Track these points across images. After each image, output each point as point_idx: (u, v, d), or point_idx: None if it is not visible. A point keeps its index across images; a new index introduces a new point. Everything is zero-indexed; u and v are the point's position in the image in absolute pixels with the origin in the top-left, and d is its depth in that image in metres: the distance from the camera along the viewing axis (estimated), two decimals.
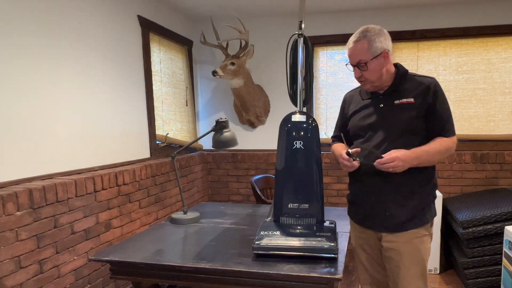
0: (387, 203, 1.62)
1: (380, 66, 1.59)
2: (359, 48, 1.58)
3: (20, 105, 1.90)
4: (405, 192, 1.61)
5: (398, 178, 1.58)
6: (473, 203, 3.02)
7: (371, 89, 1.67)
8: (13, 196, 1.72)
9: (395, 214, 1.61)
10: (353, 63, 1.62)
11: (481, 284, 2.80)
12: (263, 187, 3.29)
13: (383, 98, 1.66)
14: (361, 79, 1.65)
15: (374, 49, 1.57)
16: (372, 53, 1.57)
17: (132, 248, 1.72)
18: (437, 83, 1.62)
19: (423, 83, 1.62)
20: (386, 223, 1.63)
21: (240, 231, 1.94)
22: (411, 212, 1.61)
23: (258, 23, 3.66)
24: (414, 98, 1.60)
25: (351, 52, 1.61)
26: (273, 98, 3.76)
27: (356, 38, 1.59)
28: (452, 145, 1.62)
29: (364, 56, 1.57)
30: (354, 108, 1.76)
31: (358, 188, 1.72)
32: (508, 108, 3.36)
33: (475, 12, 3.30)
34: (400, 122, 1.60)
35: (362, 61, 1.58)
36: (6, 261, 1.70)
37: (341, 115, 1.87)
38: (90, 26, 2.38)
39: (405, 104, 1.60)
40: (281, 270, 1.42)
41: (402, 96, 1.62)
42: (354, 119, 1.74)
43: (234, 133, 2.24)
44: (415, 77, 1.66)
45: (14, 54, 1.87)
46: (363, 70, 1.60)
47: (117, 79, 2.63)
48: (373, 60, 1.57)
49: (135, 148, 2.83)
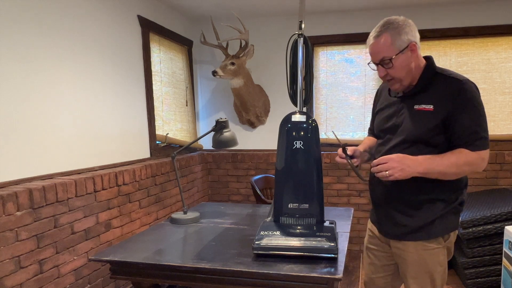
0: (393, 212, 1.57)
1: (407, 61, 1.42)
2: (381, 44, 1.41)
3: (20, 105, 1.90)
4: (413, 202, 1.50)
5: (406, 187, 1.49)
6: (473, 203, 3.02)
7: (400, 88, 1.49)
8: (13, 196, 1.72)
9: (401, 223, 1.53)
10: (376, 61, 1.46)
11: (481, 284, 2.80)
12: (263, 187, 3.29)
13: (406, 99, 1.51)
14: (387, 78, 1.48)
15: (399, 43, 1.40)
16: (397, 48, 1.40)
17: (132, 248, 1.72)
18: (467, 86, 1.39)
19: (448, 87, 1.41)
20: (393, 231, 1.58)
21: (240, 231, 1.94)
22: (418, 222, 1.50)
23: (258, 23, 3.66)
24: (434, 105, 1.41)
25: (372, 49, 1.45)
26: (273, 98, 3.76)
27: (377, 33, 1.43)
28: (477, 160, 1.38)
29: (388, 52, 1.41)
30: (381, 105, 1.65)
31: (371, 193, 1.69)
32: (508, 108, 3.35)
33: (475, 12, 3.30)
34: (415, 131, 1.45)
35: (386, 57, 1.41)
36: (6, 261, 1.70)
37: (374, 108, 1.74)
38: (90, 26, 2.38)
39: (423, 111, 1.43)
40: (281, 270, 1.42)
41: (422, 101, 1.44)
42: (378, 117, 1.64)
43: (234, 133, 2.23)
44: (444, 77, 1.45)
45: (14, 54, 1.87)
46: (388, 68, 1.43)
47: (117, 79, 2.63)
48: (398, 56, 1.41)
49: (135, 148, 2.83)
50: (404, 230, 1.53)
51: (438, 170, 1.39)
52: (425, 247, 1.50)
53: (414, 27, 1.45)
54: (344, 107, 3.65)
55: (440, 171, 1.39)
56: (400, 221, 1.54)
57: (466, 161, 1.38)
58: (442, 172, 1.40)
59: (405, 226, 1.53)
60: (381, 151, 1.58)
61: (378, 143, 1.64)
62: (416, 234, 1.51)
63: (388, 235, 1.62)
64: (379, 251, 1.72)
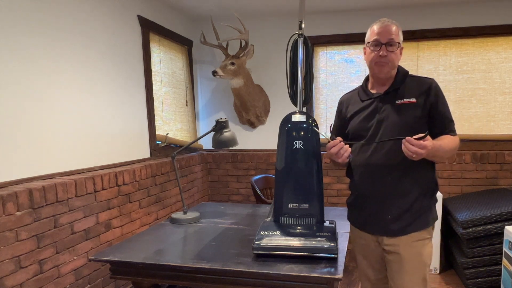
0: (389, 207, 1.60)
1: (399, 56, 1.62)
2: (393, 29, 1.58)
3: (20, 105, 1.90)
4: (408, 195, 1.59)
5: (400, 181, 1.58)
6: (473, 203, 3.02)
7: (387, 75, 1.63)
8: (13, 196, 1.72)
9: (398, 218, 1.59)
10: (384, 41, 1.57)
11: (481, 284, 2.80)
12: (263, 187, 3.29)
13: (384, 98, 1.64)
14: (383, 60, 1.59)
15: (401, 38, 1.61)
16: (400, 40, 1.60)
17: (132, 248, 1.72)
18: (436, 84, 1.63)
19: (423, 83, 1.62)
20: (388, 227, 1.61)
21: (240, 231, 1.94)
22: (413, 215, 1.59)
23: (258, 23, 3.66)
24: (416, 98, 1.59)
25: (385, 29, 1.58)
26: (273, 98, 3.76)
27: (389, 21, 1.60)
28: (458, 143, 1.61)
29: (397, 38, 1.58)
30: (354, 109, 1.73)
31: (359, 191, 1.70)
32: (508, 108, 3.36)
33: (475, 12, 3.30)
34: (404, 122, 1.58)
35: (396, 40, 1.57)
36: (6, 261, 1.70)
37: (339, 117, 1.84)
38: (90, 26, 2.38)
39: (406, 104, 1.60)
40: (281, 270, 1.42)
41: (403, 96, 1.61)
42: (355, 120, 1.71)
43: (234, 133, 2.23)
44: (415, 78, 1.67)
45: (14, 55, 1.87)
46: (391, 51, 1.58)
47: (117, 79, 2.63)
48: (399, 45, 1.60)
49: (135, 148, 2.83)
50: (399, 224, 1.59)
51: (441, 155, 1.54)
52: (418, 237, 1.60)
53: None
54: None
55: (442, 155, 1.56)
56: (396, 217, 1.60)
57: (455, 144, 1.59)
58: (443, 156, 1.58)
59: (400, 220, 1.59)
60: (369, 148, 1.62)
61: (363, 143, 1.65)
62: (410, 226, 1.59)
63: (381, 232, 1.64)
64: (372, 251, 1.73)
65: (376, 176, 1.61)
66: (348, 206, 1.81)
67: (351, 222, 1.81)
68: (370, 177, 1.63)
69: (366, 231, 1.71)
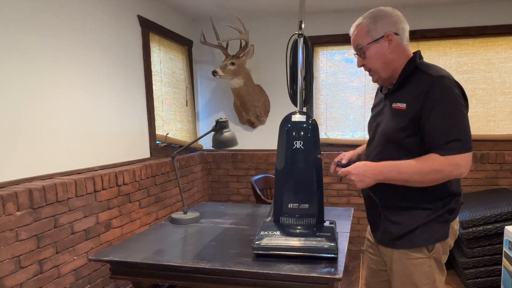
0: (380, 217, 1.51)
1: (382, 52, 1.36)
2: (358, 32, 1.40)
3: (20, 105, 1.90)
4: (396, 208, 1.43)
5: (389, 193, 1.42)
6: (473, 203, 3.02)
7: (380, 81, 1.46)
8: (13, 196, 1.72)
9: (387, 230, 1.47)
10: (355, 51, 1.44)
11: (481, 284, 2.80)
12: (263, 187, 3.29)
13: (388, 97, 1.46)
14: (365, 69, 1.46)
15: (374, 32, 1.35)
16: (371, 37, 1.36)
17: (132, 248, 1.72)
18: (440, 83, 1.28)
19: (421, 84, 1.31)
20: (379, 236, 1.53)
21: (240, 231, 1.94)
22: (402, 229, 1.41)
23: (258, 23, 3.67)
24: (407, 103, 1.33)
25: (352, 37, 1.43)
26: (273, 98, 3.76)
27: (358, 21, 1.42)
28: (447, 167, 1.24)
29: (362, 40, 1.39)
30: (374, 102, 1.61)
31: (364, 198, 1.66)
32: (508, 108, 3.36)
33: (475, 12, 3.30)
34: (385, 131, 1.39)
35: (360, 45, 1.40)
36: (6, 261, 1.70)
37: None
38: (90, 26, 2.38)
39: (397, 110, 1.35)
40: (281, 270, 1.42)
41: (399, 99, 1.37)
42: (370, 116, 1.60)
43: (234, 133, 2.23)
44: (421, 73, 1.35)
45: (14, 55, 1.87)
46: (363, 58, 1.41)
47: (117, 79, 2.63)
48: (371, 45, 1.36)
49: (135, 148, 2.83)
50: (388, 236, 1.46)
51: (400, 178, 1.30)
52: (408, 256, 1.40)
53: (399, 19, 1.39)
54: (344, 107, 3.65)
55: (402, 178, 1.30)
56: (384, 227, 1.47)
57: (432, 168, 1.25)
58: (405, 180, 1.30)
59: (389, 232, 1.45)
60: (367, 153, 1.55)
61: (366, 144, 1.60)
62: (399, 241, 1.42)
63: (376, 240, 1.58)
64: (375, 255, 1.68)
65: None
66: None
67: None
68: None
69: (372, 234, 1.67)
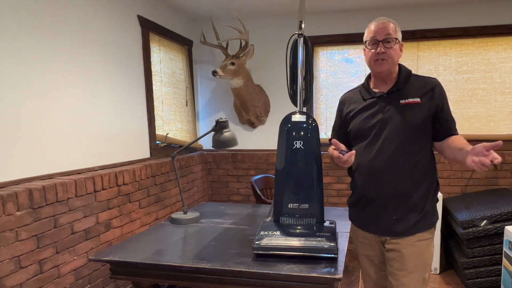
0: (394, 208, 1.60)
1: (398, 52, 1.61)
2: (390, 26, 1.58)
3: (20, 105, 1.90)
4: (412, 196, 1.59)
5: (404, 182, 1.58)
6: (473, 203, 3.02)
7: (387, 71, 1.62)
8: (13, 196, 1.72)
9: (403, 219, 1.60)
10: (381, 38, 1.57)
11: (481, 284, 2.80)
12: (263, 187, 3.29)
13: (388, 97, 1.63)
14: (382, 57, 1.58)
15: (399, 34, 1.61)
16: (398, 36, 1.60)
17: (132, 248, 1.72)
18: (439, 84, 1.63)
19: (428, 84, 1.61)
20: (392, 228, 1.61)
21: (240, 231, 1.94)
22: (418, 216, 1.59)
23: (258, 23, 3.66)
24: (420, 98, 1.59)
25: (381, 27, 1.58)
26: (273, 98, 3.76)
27: (385, 19, 1.61)
28: None
29: (394, 34, 1.58)
30: (356, 108, 1.71)
31: (362, 192, 1.68)
32: (508, 108, 3.36)
33: (475, 12, 3.30)
34: (409, 122, 1.58)
35: (392, 36, 1.57)
36: (6, 261, 1.70)
37: (339, 117, 1.81)
38: (90, 26, 2.38)
39: (411, 104, 1.59)
40: (281, 270, 1.42)
41: (407, 96, 1.61)
42: (357, 119, 1.69)
43: (234, 133, 2.24)
44: (419, 77, 1.66)
45: (14, 55, 1.87)
46: (388, 48, 1.57)
47: (117, 79, 2.63)
48: (398, 41, 1.59)
49: (135, 148, 2.83)
50: (405, 225, 1.59)
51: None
52: (421, 238, 1.61)
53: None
54: None
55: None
56: (401, 217, 1.60)
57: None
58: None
59: (405, 220, 1.60)
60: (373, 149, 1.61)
61: (366, 143, 1.64)
62: (416, 227, 1.60)
63: (385, 232, 1.64)
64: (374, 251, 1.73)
65: (380, 178, 1.60)
66: (350, 206, 1.80)
67: (352, 222, 1.80)
68: (374, 178, 1.62)
69: (369, 231, 1.70)
